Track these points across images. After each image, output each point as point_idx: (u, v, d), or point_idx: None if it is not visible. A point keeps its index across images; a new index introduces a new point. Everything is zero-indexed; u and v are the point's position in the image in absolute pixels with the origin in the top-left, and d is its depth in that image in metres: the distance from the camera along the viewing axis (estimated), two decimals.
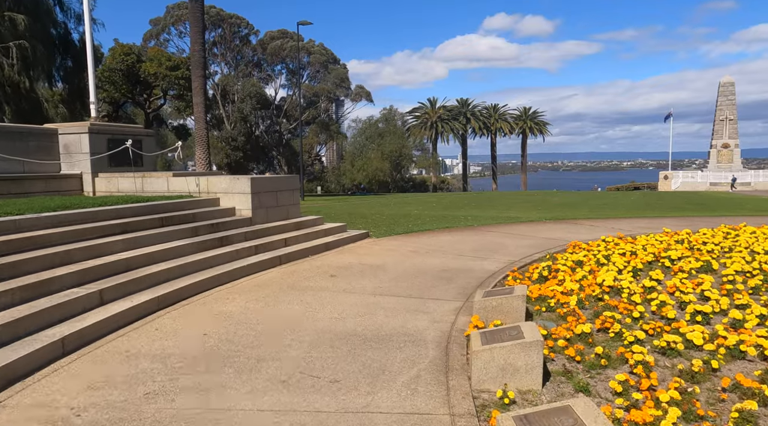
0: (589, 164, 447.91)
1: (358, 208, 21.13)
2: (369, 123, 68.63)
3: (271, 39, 57.02)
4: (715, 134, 68.28)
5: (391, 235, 11.23)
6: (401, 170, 71.06)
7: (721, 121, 68.53)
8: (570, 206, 21.05)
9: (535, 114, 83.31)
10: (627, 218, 15.15)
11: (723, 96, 67.74)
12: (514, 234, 11.50)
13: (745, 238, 9.98)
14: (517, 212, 17.54)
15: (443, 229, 12.23)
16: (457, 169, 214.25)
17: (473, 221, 14.04)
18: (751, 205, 21.16)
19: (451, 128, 75.60)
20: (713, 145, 68.69)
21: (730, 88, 68.25)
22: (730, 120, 68.46)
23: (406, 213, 17.21)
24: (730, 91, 68.05)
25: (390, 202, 26.97)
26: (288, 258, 8.28)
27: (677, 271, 7.13)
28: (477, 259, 8.55)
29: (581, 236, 11.24)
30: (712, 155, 68.66)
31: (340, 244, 9.74)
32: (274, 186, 9.60)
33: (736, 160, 68.36)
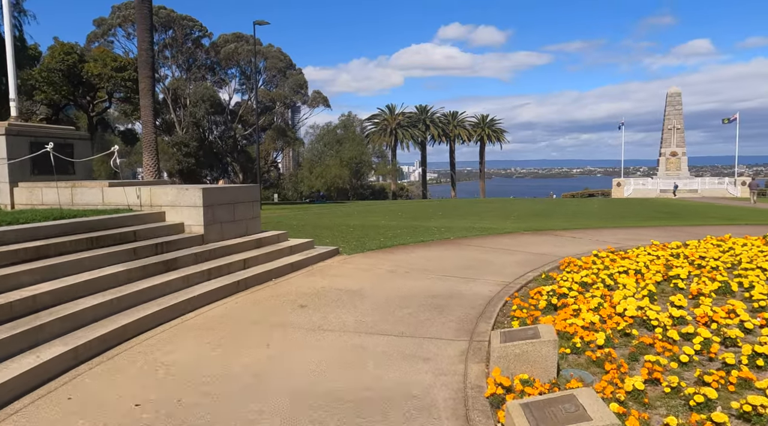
0: (541, 171, 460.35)
1: (321, 218, 19.86)
2: (327, 129, 67.39)
3: (225, 42, 54.96)
4: (664, 143, 70.52)
5: (363, 251, 10.08)
6: (360, 177, 70.05)
7: (669, 130, 70.85)
8: (541, 215, 20.48)
9: (493, 121, 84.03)
10: (605, 228, 14.54)
11: (670, 106, 70.08)
12: (496, 248, 10.57)
13: (741, 252, 9.37)
14: (490, 222, 16.72)
15: (418, 243, 11.18)
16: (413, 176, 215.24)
17: (447, 233, 13.06)
18: (716, 213, 21.16)
19: (410, 135, 75.19)
20: (662, 153, 70.91)
21: (677, 98, 70.71)
22: (677, 129, 70.86)
23: (374, 224, 16.09)
24: (677, 101, 70.49)
25: (353, 211, 25.80)
26: (248, 283, 7.01)
27: (696, 294, 6.31)
28: (466, 281, 7.51)
29: (569, 250, 10.42)
30: (661, 163, 70.84)
31: (307, 264, 8.53)
32: (230, 197, 8.30)
33: (684, 168, 70.77)
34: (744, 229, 14.03)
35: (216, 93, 56.12)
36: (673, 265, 8.39)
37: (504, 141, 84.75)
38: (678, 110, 70.26)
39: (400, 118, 75.36)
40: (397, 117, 75.55)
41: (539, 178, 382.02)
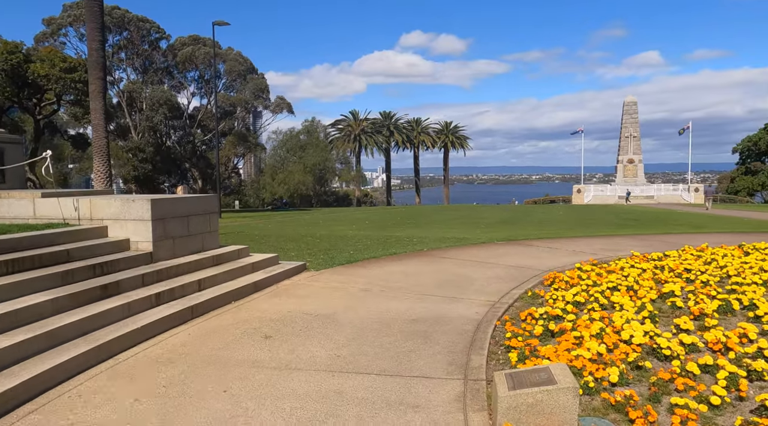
0: (501, 177, 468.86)
1: (285, 227, 18.92)
2: (290, 135, 66.18)
3: (182, 45, 53.15)
4: (621, 150, 72.28)
5: (332, 265, 9.30)
6: (324, 184, 69.06)
7: (626, 137, 72.69)
8: (510, 223, 20.13)
9: (456, 128, 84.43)
10: (579, 238, 14.19)
11: (627, 114, 71.95)
12: (473, 261, 9.97)
13: (726, 263, 9.06)
14: (461, 231, 16.18)
15: (391, 256, 10.47)
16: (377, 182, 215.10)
17: (420, 244, 12.42)
18: (681, 220, 21.30)
19: (374, 141, 74.68)
20: (619, 160, 72.65)
21: (634, 107, 72.67)
22: (633, 137, 72.77)
23: (341, 234, 15.30)
24: (634, 109, 72.44)
25: (317, 219, 24.91)
26: (204, 307, 6.14)
27: (698, 314, 5.82)
28: (448, 301, 6.84)
29: (548, 262, 9.92)
30: (619, 170, 72.55)
31: (272, 282, 7.69)
32: (184, 209, 7.40)
33: (640, 175, 72.69)
34: (715, 238, 13.93)
35: (174, 97, 54.19)
36: (662, 279, 7.97)
37: (467, 148, 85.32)
38: (634, 118, 72.17)
39: (365, 124, 74.79)
40: (361, 123, 74.95)
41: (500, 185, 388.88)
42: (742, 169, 73.04)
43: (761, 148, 71.60)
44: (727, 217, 23.98)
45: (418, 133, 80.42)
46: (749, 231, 15.88)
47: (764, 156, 72.58)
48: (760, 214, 25.76)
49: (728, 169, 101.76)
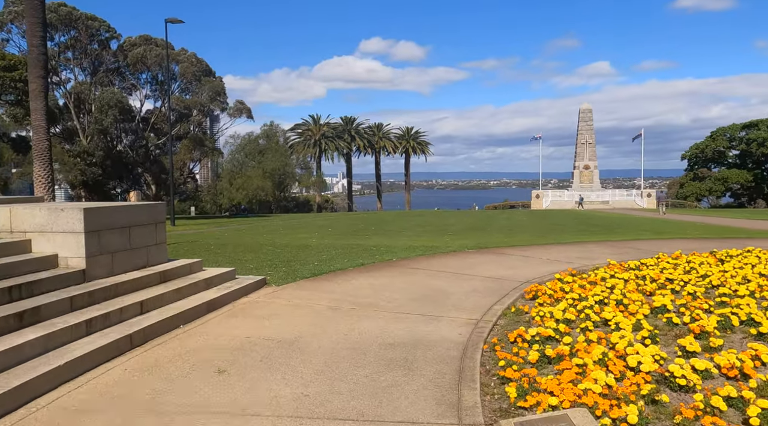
0: (460, 183, 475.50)
1: (243, 235, 17.90)
2: (249, 139, 64.58)
3: (133, 45, 50.93)
4: (577, 156, 73.88)
5: (295, 279, 8.49)
6: (284, 189, 67.65)
7: (582, 144, 74.37)
8: (477, 229, 19.71)
9: (417, 134, 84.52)
10: (550, 245, 13.83)
11: (583, 121, 73.64)
12: (447, 272, 9.35)
13: (706, 272, 8.77)
14: (429, 239, 15.60)
15: (358, 268, 9.74)
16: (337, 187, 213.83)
17: (388, 253, 11.74)
18: (644, 226, 21.41)
19: (335, 146, 73.80)
20: (576, 166, 74.24)
21: (589, 114, 74.44)
22: (589, 143, 74.52)
23: (304, 243, 14.46)
24: (589, 117, 74.21)
25: (277, 226, 23.91)
26: (145, 335, 5.26)
27: (699, 332, 5.35)
28: (426, 320, 6.17)
29: (525, 272, 9.42)
30: (576, 175, 74.12)
31: (228, 301, 6.84)
32: (125, 219, 6.47)
33: (596, 180, 74.47)
34: (684, 244, 13.83)
35: (125, 99, 51.84)
36: (647, 290, 7.57)
37: (429, 153, 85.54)
38: (590, 125, 73.92)
39: (325, 129, 73.84)
40: (321, 127, 73.97)
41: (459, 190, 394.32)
42: (691, 175, 75.91)
43: (708, 156, 74.63)
44: (684, 222, 24.37)
45: (380, 139, 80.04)
46: (713, 237, 15.95)
47: (710, 163, 75.69)
48: (713, 219, 26.35)
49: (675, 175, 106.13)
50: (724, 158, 74.11)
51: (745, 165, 70.79)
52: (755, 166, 70.60)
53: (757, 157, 68.87)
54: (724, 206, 69.84)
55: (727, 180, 69.72)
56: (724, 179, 69.92)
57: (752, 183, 69.42)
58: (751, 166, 70.62)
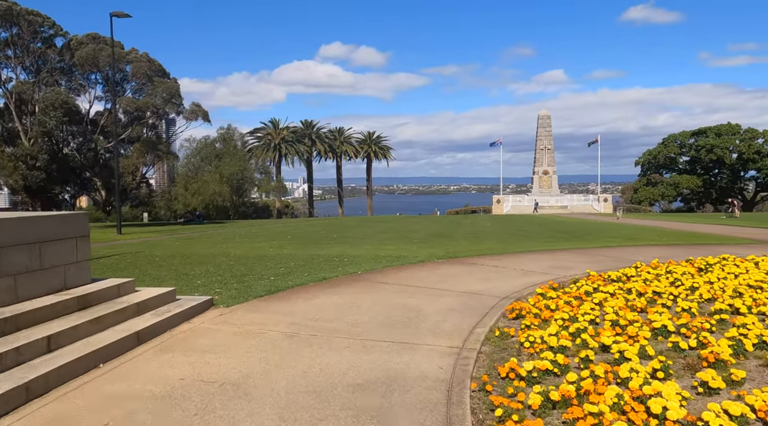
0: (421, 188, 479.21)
1: (195, 244, 16.61)
2: (205, 143, 62.47)
3: (81, 44, 48.28)
4: (537, 162, 74.83)
5: (249, 298, 7.46)
6: (242, 194, 65.69)
7: (541, 150, 75.39)
8: (443, 236, 19.00)
9: (379, 139, 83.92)
10: (521, 254, 13.21)
11: (542, 127, 74.67)
12: (418, 287, 8.50)
13: (693, 284, 8.24)
14: (395, 247, 14.75)
15: (320, 283, 8.77)
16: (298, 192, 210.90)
17: (352, 265, 10.81)
18: (611, 231, 21.20)
19: (296, 151, 72.29)
20: (535, 171, 75.19)
21: (548, 120, 75.56)
22: (548, 149, 75.62)
23: (261, 253, 13.36)
24: (548, 123, 75.31)
25: (234, 234, 22.59)
26: (49, 382, 4.16)
27: (714, 361, 4.66)
28: (400, 349, 5.29)
29: (501, 285, 8.68)
30: (535, 181, 75.05)
31: (164, 329, 5.77)
32: (35, 233, 5.33)
33: (555, 185, 75.60)
34: (656, 251, 13.47)
35: (72, 100, 49.05)
36: (637, 306, 6.91)
37: (390, 158, 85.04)
38: (548, 131, 75.02)
39: (285, 133, 72.24)
40: (281, 131, 72.33)
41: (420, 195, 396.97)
42: (644, 180, 78.04)
43: (660, 161, 76.91)
44: (645, 226, 24.40)
45: (341, 143, 79.01)
46: (682, 243, 15.73)
47: (662, 168, 78.03)
48: (671, 224, 26.58)
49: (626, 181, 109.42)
50: (675, 164, 76.51)
51: (695, 171, 73.26)
52: (704, 171, 73.15)
53: (706, 163, 71.38)
54: (675, 211, 72.10)
55: (679, 185, 71.95)
56: (675, 184, 72.13)
57: (702, 188, 71.88)
58: (701, 171, 73.14)
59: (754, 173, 71.81)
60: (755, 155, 68.11)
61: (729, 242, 15.90)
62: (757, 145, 68.44)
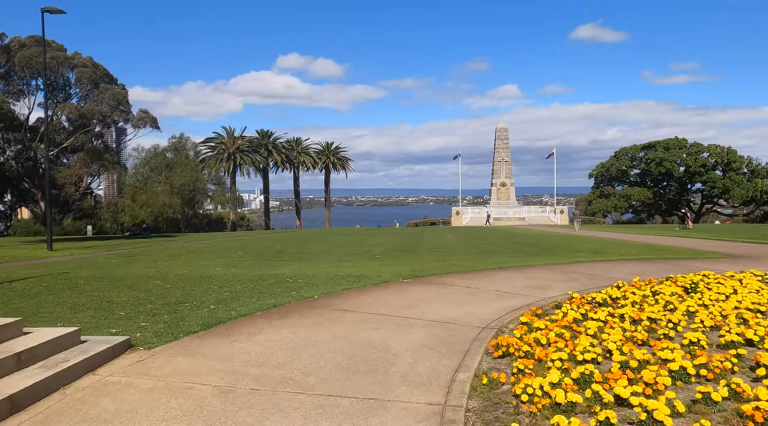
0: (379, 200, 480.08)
1: (132, 263, 14.93)
2: (155, 152, 59.67)
3: (21, 46, 45.21)
4: (495, 174, 75.25)
5: (179, 336, 6.12)
6: (195, 206, 62.99)
7: (499, 162, 75.90)
8: (406, 251, 17.93)
9: (338, 149, 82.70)
10: (490, 271, 12.26)
11: (499, 140, 75.23)
12: (384, 316, 7.35)
13: (687, 307, 7.43)
14: (356, 264, 13.56)
15: (270, 311, 7.49)
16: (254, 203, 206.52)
17: (308, 288, 9.57)
18: (578, 245, 20.67)
19: (251, 161, 70.09)
20: (493, 183, 75.56)
21: (505, 133, 76.21)
22: (506, 161, 76.20)
23: (205, 273, 11.91)
24: (505, 135, 75.95)
25: (181, 249, 20.86)
26: None
27: (761, 421, 3.71)
28: (366, 409, 4.11)
29: (477, 311, 7.64)
30: (493, 192, 75.39)
31: (55, 387, 4.39)
32: None
33: (512, 197, 76.16)
34: (629, 267, 12.83)
35: (7, 105, 45.77)
36: (638, 338, 5.98)
37: (349, 169, 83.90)
38: (506, 144, 75.63)
39: (240, 143, 70.00)
40: (236, 141, 70.06)
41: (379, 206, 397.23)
42: (597, 192, 79.73)
43: (612, 174, 78.80)
44: (607, 239, 24.14)
45: (298, 154, 77.32)
46: (653, 257, 15.21)
47: (614, 181, 79.97)
48: (629, 236, 26.51)
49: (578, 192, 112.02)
50: (626, 177, 78.51)
51: (645, 183, 75.33)
52: (653, 184, 75.33)
53: (655, 176, 73.53)
54: (626, 222, 73.80)
55: (631, 197, 73.75)
56: (627, 196, 73.89)
57: (652, 200, 73.94)
58: (650, 184, 75.28)
59: (700, 186, 74.47)
60: (701, 168, 70.62)
61: (698, 256, 15.49)
62: (703, 159, 71.03)
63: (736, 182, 68.56)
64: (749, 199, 69.13)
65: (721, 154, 71.25)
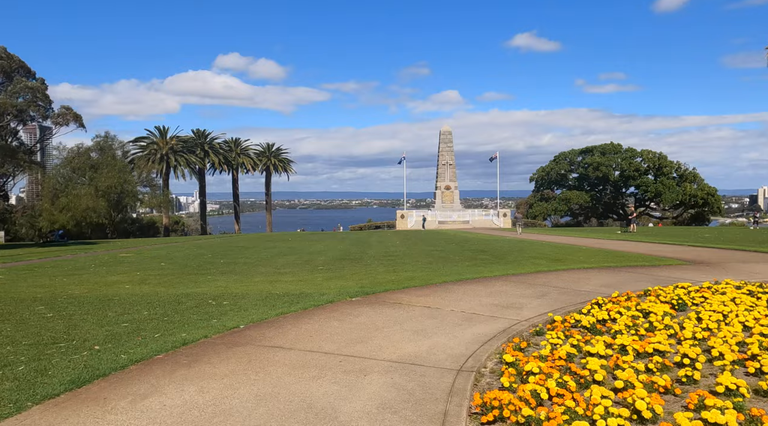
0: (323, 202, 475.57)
1: (24, 279, 12.44)
2: (78, 152, 55.07)
3: None
4: (439, 177, 74.87)
5: (24, 407, 4.18)
6: (123, 210, 58.62)
7: (443, 165, 75.59)
8: (352, 260, 16.24)
9: (279, 151, 79.91)
10: (450, 284, 10.82)
11: (443, 143, 74.94)
12: (329, 354, 5.67)
13: (692, 336, 6.21)
14: (295, 278, 11.75)
15: (175, 352, 5.64)
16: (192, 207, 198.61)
17: (234, 312, 7.74)
18: (531, 251, 19.69)
19: (186, 162, 66.19)
20: (438, 186, 75.16)
21: (449, 136, 76.01)
22: (450, 165, 76.01)
23: (109, 293, 9.77)
24: (449, 139, 75.76)
25: (95, 260, 18.24)
26: None
27: None
28: None
29: (444, 342, 6.10)
30: (438, 196, 74.99)
31: None
32: None
33: (456, 200, 76.03)
34: (598, 277, 11.77)
35: None
36: (658, 385, 4.62)
37: (291, 171, 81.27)
38: (450, 147, 75.43)
39: (174, 143, 65.96)
40: (169, 141, 65.96)
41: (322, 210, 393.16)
42: (538, 196, 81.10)
43: (552, 178, 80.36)
44: (557, 244, 23.48)
45: (237, 155, 73.95)
46: (616, 265, 14.30)
47: (554, 184, 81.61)
48: (577, 240, 26.09)
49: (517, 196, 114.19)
50: (566, 180, 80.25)
51: (583, 187, 77.23)
52: (591, 188, 77.36)
53: (593, 180, 75.52)
54: (565, 225, 75.33)
55: (570, 200, 75.32)
56: (567, 200, 75.43)
57: (590, 203, 75.87)
58: (588, 188, 77.26)
59: (633, 190, 77.16)
60: (635, 173, 73.13)
61: (658, 263, 14.74)
62: (636, 164, 73.60)
63: (667, 186, 71.39)
64: (679, 203, 72.23)
65: (653, 159, 74.10)
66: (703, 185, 71.95)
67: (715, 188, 72.95)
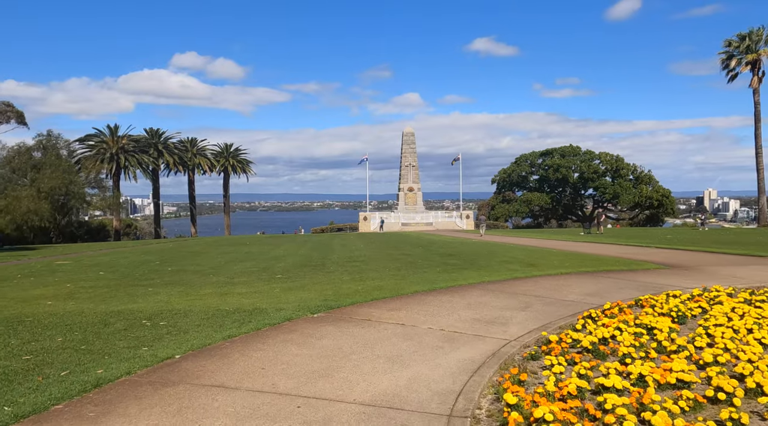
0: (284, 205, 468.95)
1: None
2: (18, 151, 51.48)
3: None
4: (402, 179, 74.10)
5: None
6: (70, 213, 55.22)
7: (406, 167, 74.87)
8: (314, 267, 14.98)
9: (238, 151, 77.43)
10: (421, 295, 9.75)
11: (406, 144, 74.22)
12: (282, 394, 4.49)
13: (718, 357, 5.34)
14: (250, 289, 10.45)
15: (82, 400, 4.34)
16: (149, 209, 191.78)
17: (171, 335, 6.45)
18: (502, 254, 18.88)
19: (138, 162, 63.08)
20: (401, 188, 74.36)
21: (412, 137, 75.35)
22: (413, 166, 75.33)
23: (23, 312, 8.24)
24: (412, 140, 75.09)
25: (22, 270, 16.34)
26: None
27: None
28: None
29: (426, 372, 5.01)
30: (401, 198, 74.19)
31: None
32: None
33: (420, 202, 75.41)
34: (580, 284, 10.97)
35: None
36: None
37: (250, 172, 78.89)
38: (413, 149, 74.76)
39: (125, 142, 62.75)
40: (120, 140, 62.71)
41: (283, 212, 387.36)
42: (500, 197, 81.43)
43: (513, 180, 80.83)
44: (528, 247, 22.89)
45: (194, 155, 71.15)
46: (593, 270, 13.59)
47: (515, 186, 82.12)
48: (544, 242, 25.64)
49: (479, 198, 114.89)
50: (527, 182, 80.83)
51: (544, 189, 77.95)
52: (551, 189, 78.15)
53: (553, 181, 76.30)
54: (525, 226, 75.81)
55: (531, 202, 75.85)
56: (528, 201, 75.93)
57: (550, 205, 76.63)
58: (548, 189, 78.02)
59: (592, 191, 78.41)
60: (593, 175, 74.26)
61: (636, 268, 14.13)
62: (595, 166, 74.76)
63: (625, 188, 72.78)
64: (635, 204, 73.77)
65: (611, 161, 75.47)
66: (658, 187, 73.74)
67: (669, 190, 74.89)
